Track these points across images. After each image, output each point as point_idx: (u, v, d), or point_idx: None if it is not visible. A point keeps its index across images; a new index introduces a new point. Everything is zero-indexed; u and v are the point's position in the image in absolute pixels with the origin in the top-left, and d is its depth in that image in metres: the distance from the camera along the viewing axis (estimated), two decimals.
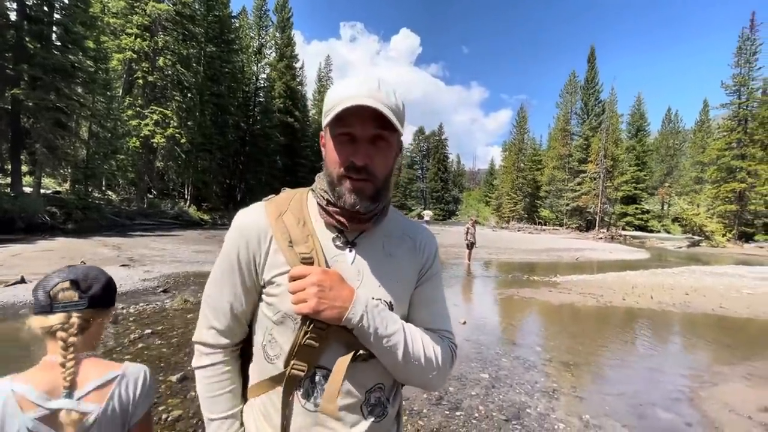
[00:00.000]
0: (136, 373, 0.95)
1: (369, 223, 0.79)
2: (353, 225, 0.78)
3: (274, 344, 0.77)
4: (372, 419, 0.77)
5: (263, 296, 0.79)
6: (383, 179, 0.76)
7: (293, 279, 0.70)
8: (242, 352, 0.87)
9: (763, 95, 34.30)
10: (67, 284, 0.91)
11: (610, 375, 4.17)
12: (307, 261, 0.74)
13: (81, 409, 0.85)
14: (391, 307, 0.79)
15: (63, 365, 0.87)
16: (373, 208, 0.77)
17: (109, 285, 1.00)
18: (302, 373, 0.73)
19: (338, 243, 0.79)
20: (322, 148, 0.80)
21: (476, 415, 3.09)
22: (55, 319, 0.88)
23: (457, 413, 3.09)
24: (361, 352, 0.74)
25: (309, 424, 0.74)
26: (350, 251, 0.79)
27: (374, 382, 0.78)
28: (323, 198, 0.79)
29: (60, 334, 0.88)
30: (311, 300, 0.68)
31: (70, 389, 0.86)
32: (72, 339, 0.88)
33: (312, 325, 0.71)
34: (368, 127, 0.71)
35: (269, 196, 0.84)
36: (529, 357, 4.49)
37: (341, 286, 0.72)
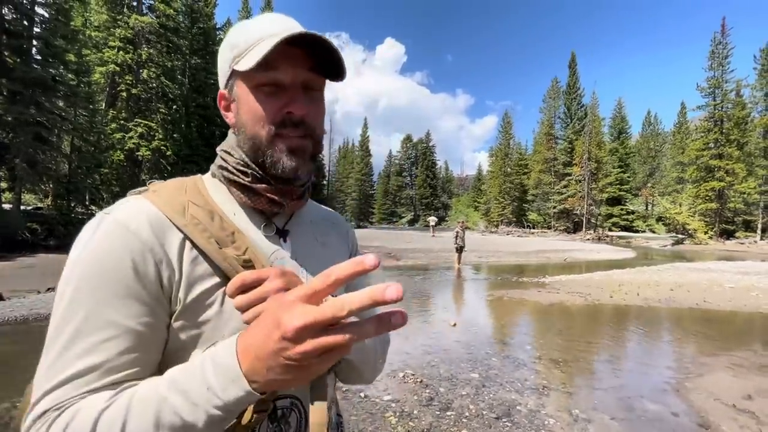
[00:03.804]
0: None
1: (301, 200, 0.65)
2: (288, 203, 0.61)
3: None
4: None
5: (177, 333, 0.52)
6: (319, 138, 0.61)
7: (244, 288, 0.47)
8: None
9: (737, 97, 35.58)
10: None
11: (599, 370, 4.21)
12: (248, 266, 0.54)
13: None
14: None
15: None
16: (310, 176, 0.63)
17: None
18: (264, 414, 0.51)
19: (269, 233, 0.61)
20: (226, 113, 0.62)
21: (467, 414, 3.08)
22: None
23: (448, 413, 3.09)
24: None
25: None
26: (285, 242, 0.63)
27: (330, 398, 0.63)
28: (244, 174, 0.59)
29: None
30: None
31: None
32: None
33: None
34: (299, 70, 0.55)
35: (137, 189, 0.58)
36: (519, 356, 4.51)
37: None
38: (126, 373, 0.47)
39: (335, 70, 0.58)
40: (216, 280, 0.53)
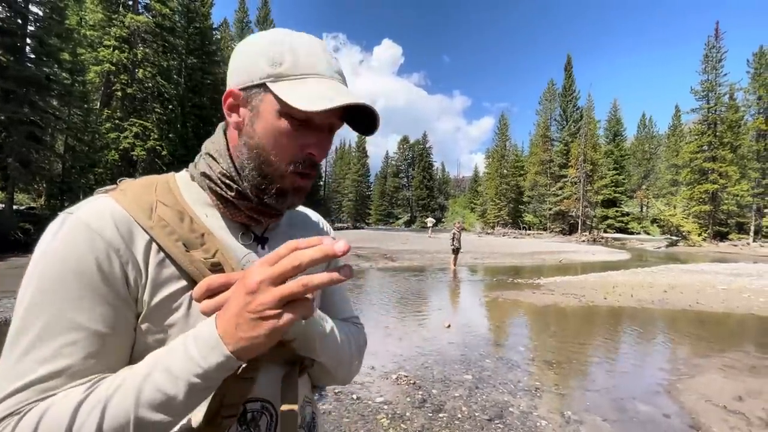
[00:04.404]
0: None
1: (280, 216, 0.64)
2: (265, 220, 0.61)
3: None
4: None
5: (143, 336, 0.50)
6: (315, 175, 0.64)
7: (210, 292, 0.46)
8: None
9: (730, 100, 35.93)
10: None
11: (592, 371, 4.23)
12: (216, 269, 0.52)
13: None
14: None
15: None
16: None
17: None
18: (234, 419, 0.51)
19: (245, 241, 0.60)
20: (230, 112, 0.57)
21: (459, 415, 3.08)
22: None
23: (440, 415, 3.08)
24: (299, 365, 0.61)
25: None
26: (262, 248, 0.61)
27: (303, 397, 0.64)
28: (228, 188, 0.57)
29: None
30: None
31: None
32: None
33: None
34: (332, 115, 0.55)
35: (105, 188, 0.55)
36: (512, 357, 4.52)
37: None
38: (92, 377, 0.45)
39: (368, 128, 0.60)
40: (183, 283, 0.51)
